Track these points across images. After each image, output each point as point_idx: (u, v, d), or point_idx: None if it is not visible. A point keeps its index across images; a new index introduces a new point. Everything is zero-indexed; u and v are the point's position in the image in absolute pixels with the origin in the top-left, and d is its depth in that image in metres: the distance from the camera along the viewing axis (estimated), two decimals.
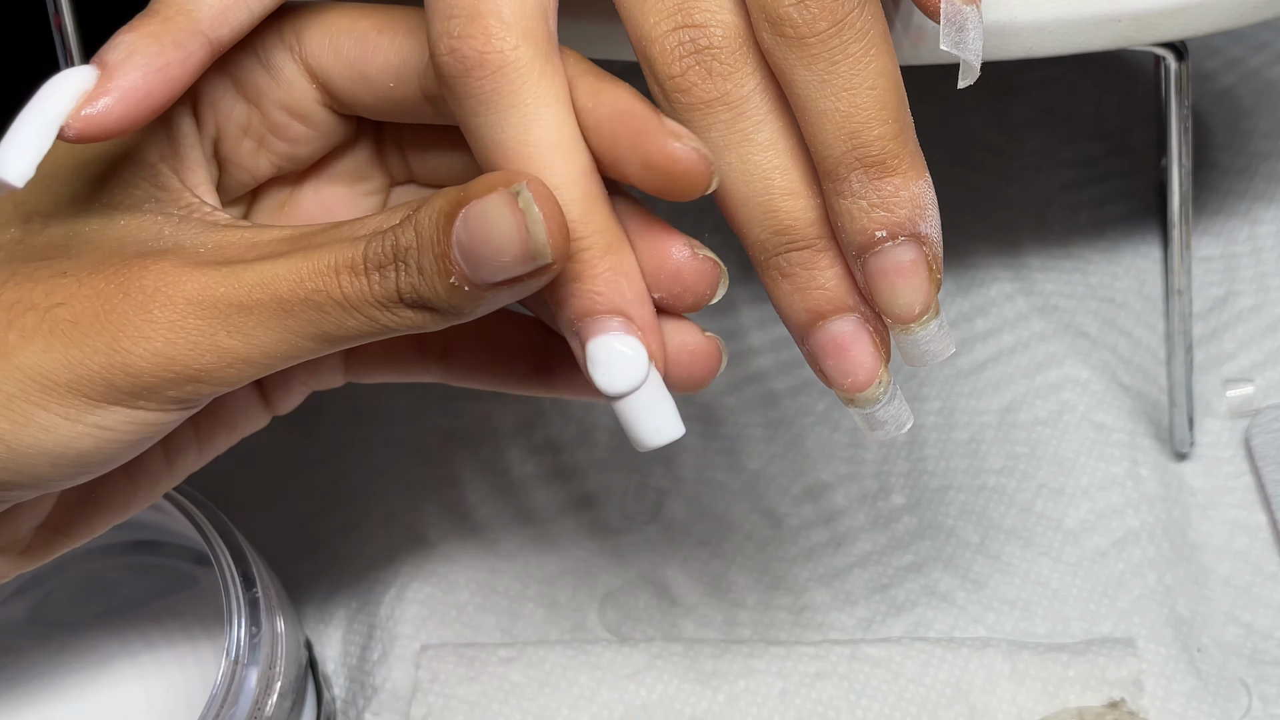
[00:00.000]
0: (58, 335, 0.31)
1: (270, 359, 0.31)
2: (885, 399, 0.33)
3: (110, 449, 0.32)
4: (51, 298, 0.31)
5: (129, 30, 0.32)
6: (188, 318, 0.30)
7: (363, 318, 0.31)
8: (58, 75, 0.31)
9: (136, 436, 0.32)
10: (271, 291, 0.30)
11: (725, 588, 0.50)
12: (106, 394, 0.31)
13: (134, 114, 0.31)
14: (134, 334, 0.30)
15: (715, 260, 0.33)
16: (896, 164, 0.31)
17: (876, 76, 0.30)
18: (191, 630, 0.45)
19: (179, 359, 0.31)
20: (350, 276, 0.30)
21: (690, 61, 0.31)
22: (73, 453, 0.31)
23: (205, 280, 0.31)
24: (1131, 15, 0.40)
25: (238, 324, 0.31)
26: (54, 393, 0.31)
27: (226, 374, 0.31)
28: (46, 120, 0.31)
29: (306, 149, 0.36)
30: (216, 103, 0.35)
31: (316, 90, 0.35)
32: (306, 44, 0.34)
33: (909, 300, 0.32)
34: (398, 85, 0.34)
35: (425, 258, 0.30)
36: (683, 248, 0.32)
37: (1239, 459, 0.52)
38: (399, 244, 0.30)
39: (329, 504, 0.54)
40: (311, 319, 0.31)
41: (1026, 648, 0.47)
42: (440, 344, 0.38)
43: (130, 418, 0.31)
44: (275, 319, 0.31)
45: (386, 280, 0.30)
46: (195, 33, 0.32)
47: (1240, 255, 0.58)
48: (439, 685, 0.48)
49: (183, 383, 0.31)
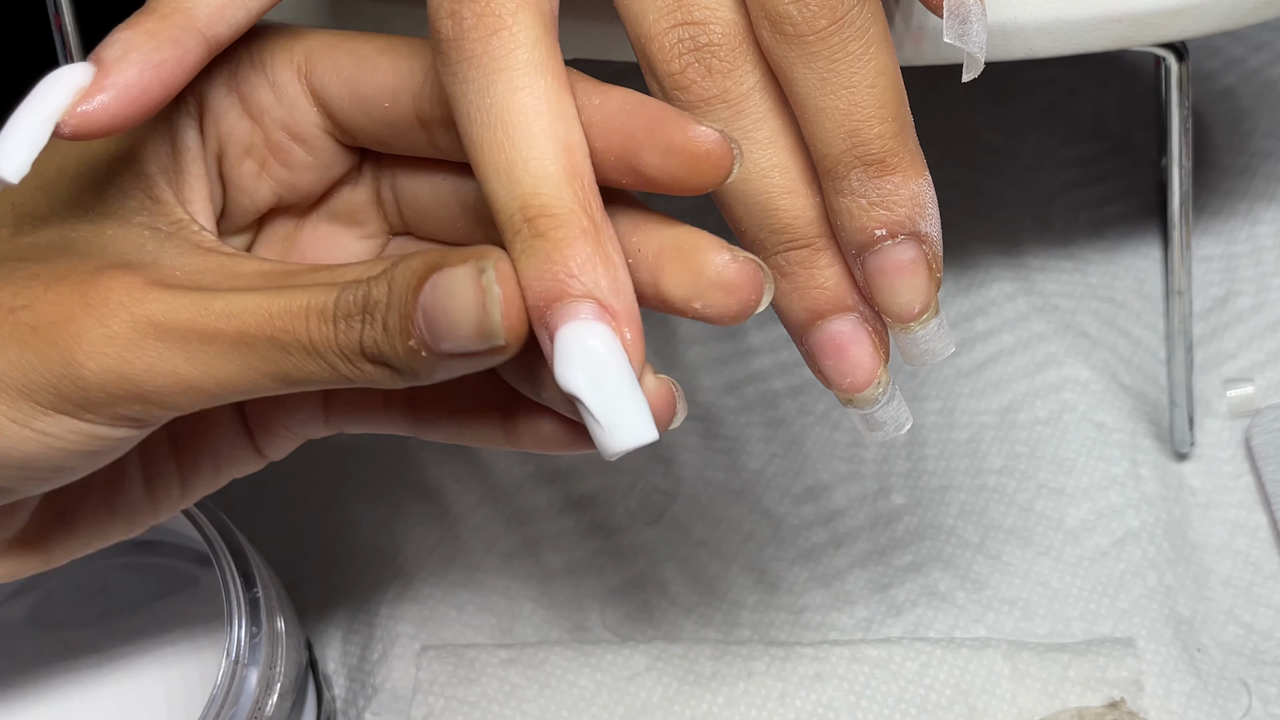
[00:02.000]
0: (15, 339, 0.30)
1: (225, 390, 0.31)
2: (884, 400, 0.33)
3: (56, 456, 0.31)
4: (17, 299, 0.31)
5: (126, 27, 0.32)
6: (146, 337, 0.30)
7: (324, 364, 0.30)
8: (54, 72, 0.31)
9: (84, 448, 0.32)
10: (237, 324, 0.30)
11: (725, 588, 0.50)
12: (54, 402, 0.31)
13: (130, 111, 0.31)
14: (88, 347, 0.30)
15: (758, 262, 0.30)
16: (896, 162, 0.30)
17: (876, 74, 0.30)
18: (192, 630, 0.45)
19: (131, 377, 0.30)
20: (319, 322, 0.30)
21: (690, 59, 0.30)
22: (18, 456, 0.31)
23: (171, 302, 0.30)
24: (1131, 15, 0.40)
25: (196, 351, 0.30)
26: (4, 395, 0.30)
27: (177, 400, 0.31)
28: (42, 117, 0.31)
29: (306, 178, 0.36)
30: (221, 117, 0.35)
31: (318, 113, 0.35)
32: (313, 65, 0.34)
33: (908, 299, 0.32)
34: (393, 106, 0.33)
35: (391, 315, 0.29)
36: (722, 252, 0.30)
37: (1239, 459, 0.52)
38: (370, 297, 0.29)
39: (329, 504, 0.54)
40: (274, 358, 0.30)
41: (1026, 648, 0.47)
42: (404, 398, 0.37)
43: (76, 428, 0.31)
44: (236, 352, 0.30)
45: (352, 331, 0.30)
46: (192, 30, 0.32)
47: (1240, 255, 0.58)
48: (439, 686, 0.48)
49: (131, 401, 0.31)
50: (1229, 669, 0.47)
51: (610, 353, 0.29)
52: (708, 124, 0.30)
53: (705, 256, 0.30)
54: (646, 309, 0.31)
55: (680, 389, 0.32)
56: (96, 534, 0.37)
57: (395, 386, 0.30)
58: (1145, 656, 0.47)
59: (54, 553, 0.36)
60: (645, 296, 0.31)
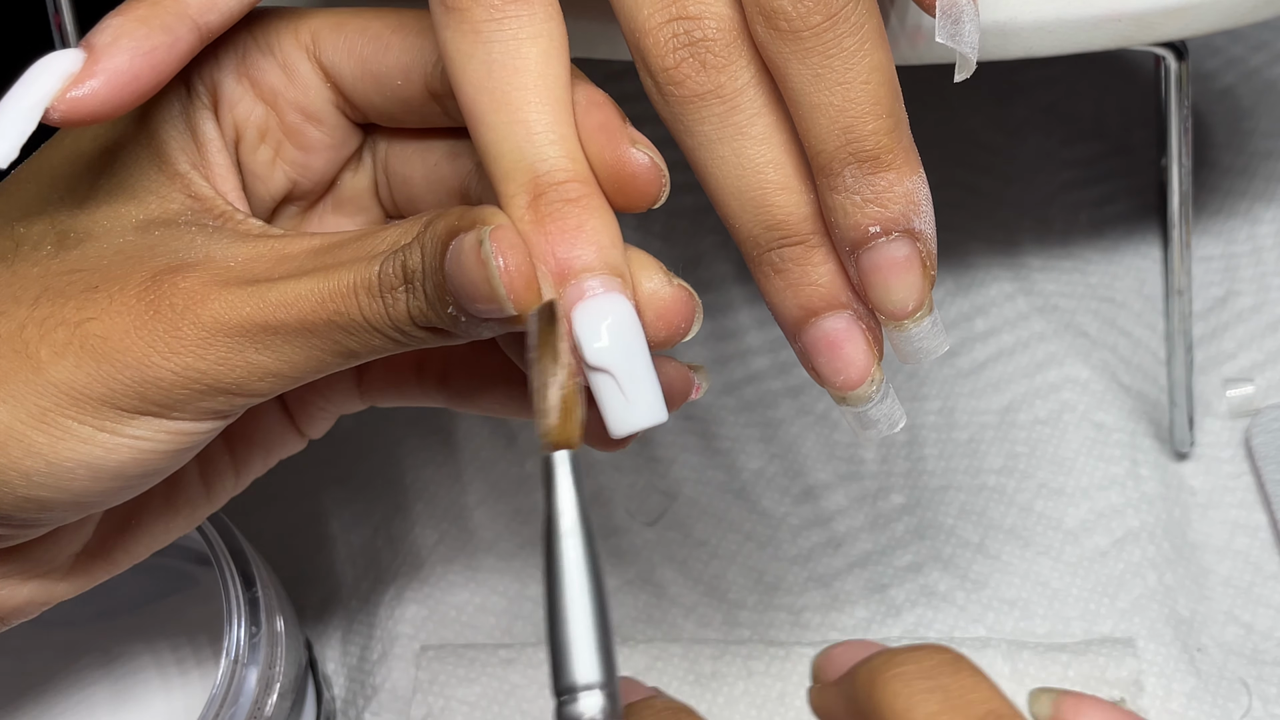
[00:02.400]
0: (88, 350, 0.31)
1: (300, 372, 0.31)
2: (878, 397, 0.33)
3: (148, 460, 0.32)
4: (82, 313, 0.31)
5: (117, 14, 0.32)
6: (216, 336, 0.31)
7: (385, 337, 0.31)
8: (44, 58, 0.31)
9: (173, 447, 0.32)
10: (295, 313, 0.30)
11: (724, 588, 0.50)
12: (140, 406, 0.31)
13: (120, 97, 0.31)
14: (164, 350, 0.31)
15: (690, 291, 0.31)
16: (890, 159, 0.30)
17: (871, 71, 0.30)
18: (191, 630, 0.45)
19: (210, 373, 0.31)
20: (368, 298, 0.30)
21: (684, 54, 0.30)
22: (112, 464, 0.31)
23: (232, 300, 0.31)
24: (1131, 15, 0.40)
25: (266, 341, 0.31)
26: (88, 406, 0.31)
27: (258, 387, 0.31)
28: (32, 102, 0.31)
29: (320, 159, 0.36)
30: (235, 104, 0.35)
31: (330, 90, 0.35)
32: (322, 43, 0.35)
33: (902, 296, 0.31)
34: (405, 83, 0.34)
35: (429, 284, 0.30)
36: (655, 275, 0.31)
37: (1239, 459, 0.52)
38: (408, 265, 0.30)
39: (329, 504, 0.54)
40: (336, 338, 0.31)
41: (1026, 648, 0.47)
42: (439, 370, 0.38)
43: (165, 428, 0.31)
44: (301, 338, 0.31)
45: (399, 303, 0.30)
46: (183, 17, 0.32)
47: (1240, 255, 0.58)
48: (439, 686, 0.48)
49: (214, 395, 0.31)
50: (1229, 669, 0.47)
51: (631, 327, 0.29)
52: (642, 148, 0.30)
53: (642, 274, 0.31)
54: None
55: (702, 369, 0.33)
56: (159, 534, 0.37)
57: (456, 343, 0.31)
58: (1145, 656, 0.47)
59: (119, 559, 0.37)
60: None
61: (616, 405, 0.29)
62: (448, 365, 0.37)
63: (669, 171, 0.31)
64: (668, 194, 0.31)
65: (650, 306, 0.30)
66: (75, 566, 0.36)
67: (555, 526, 0.28)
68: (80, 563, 0.36)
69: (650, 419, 0.29)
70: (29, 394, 0.31)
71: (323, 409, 0.38)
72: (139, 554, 0.37)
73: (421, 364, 0.38)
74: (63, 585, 0.36)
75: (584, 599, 0.27)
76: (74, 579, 0.36)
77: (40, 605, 0.36)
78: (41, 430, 0.31)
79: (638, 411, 0.29)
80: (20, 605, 0.35)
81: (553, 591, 0.27)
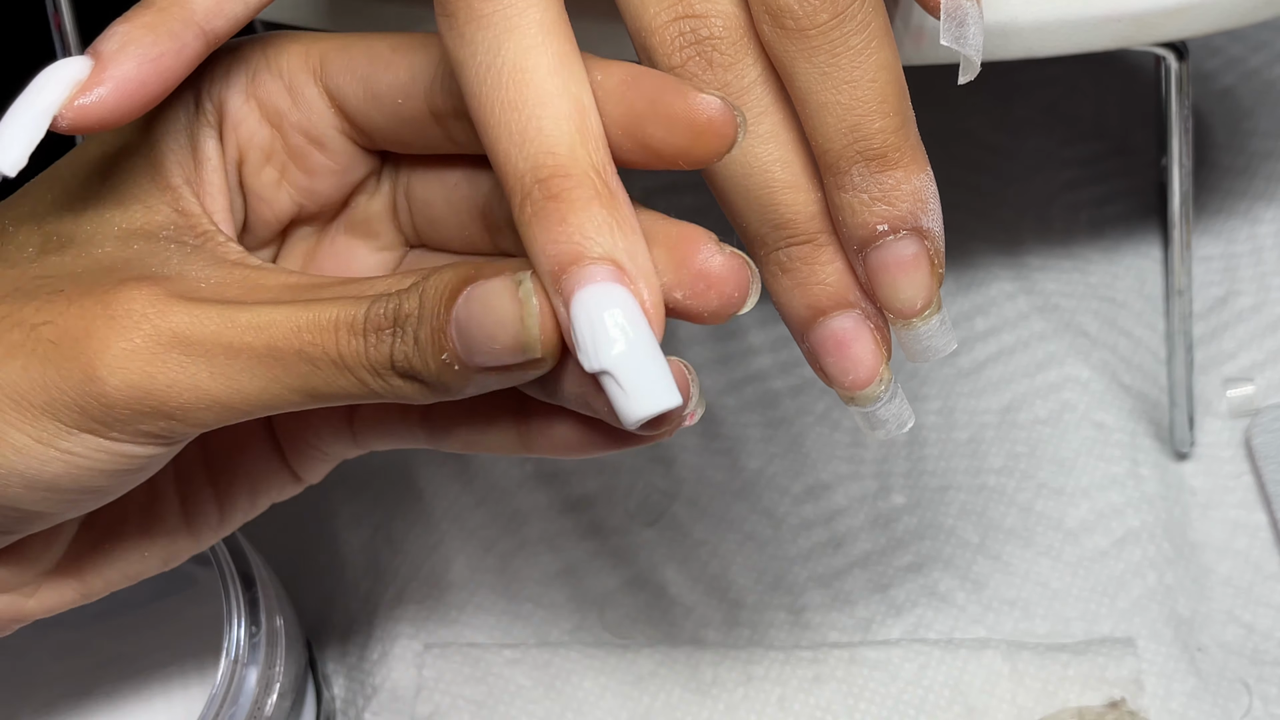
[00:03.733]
0: (37, 355, 0.30)
1: (250, 405, 0.30)
2: (886, 397, 0.33)
3: (83, 476, 0.31)
4: (40, 315, 0.30)
5: (124, 21, 0.32)
6: (170, 350, 0.30)
7: (353, 379, 0.30)
8: (52, 65, 0.31)
9: (110, 467, 0.31)
10: (264, 338, 0.30)
11: (725, 588, 0.50)
12: (78, 420, 0.30)
13: (128, 105, 0.31)
14: (110, 361, 0.30)
15: (745, 259, 0.30)
16: (898, 157, 0.30)
17: (878, 69, 0.30)
18: (191, 630, 0.45)
19: (154, 392, 0.30)
20: (348, 335, 0.29)
21: (691, 52, 0.30)
22: (45, 477, 0.31)
23: (196, 314, 0.30)
24: (1131, 15, 0.40)
25: (221, 365, 0.30)
26: (28, 413, 0.30)
27: (202, 415, 0.30)
28: (39, 110, 0.30)
29: (326, 183, 0.36)
30: (240, 124, 0.34)
31: (334, 115, 0.34)
32: (328, 67, 0.34)
33: (911, 295, 0.31)
34: (406, 102, 0.33)
35: (423, 329, 0.29)
36: (709, 243, 0.30)
37: (1239, 459, 0.52)
38: (401, 310, 0.29)
39: (329, 504, 0.54)
40: (302, 372, 0.30)
41: (1026, 648, 0.47)
42: (421, 410, 0.36)
43: (101, 447, 0.31)
44: (263, 366, 0.30)
45: (382, 345, 0.29)
46: (190, 23, 0.32)
47: (1240, 255, 0.58)
48: (444, 684, 0.48)
49: (155, 417, 0.30)
50: (1229, 669, 0.47)
51: (632, 315, 0.28)
52: (710, 92, 0.29)
53: (691, 245, 0.30)
54: None
55: (695, 375, 0.31)
56: (135, 563, 0.36)
57: (423, 402, 0.30)
58: (1145, 656, 0.47)
59: (92, 583, 0.36)
60: None
61: (616, 395, 0.28)
62: (431, 405, 0.36)
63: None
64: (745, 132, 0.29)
65: (703, 276, 0.29)
66: (47, 585, 0.35)
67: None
68: (52, 583, 0.35)
69: (657, 405, 0.28)
70: None
71: (319, 453, 0.37)
72: (115, 581, 0.36)
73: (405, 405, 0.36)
74: (33, 603, 0.35)
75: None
76: (45, 597, 0.35)
77: (11, 622, 0.35)
78: None
79: (641, 400, 0.28)
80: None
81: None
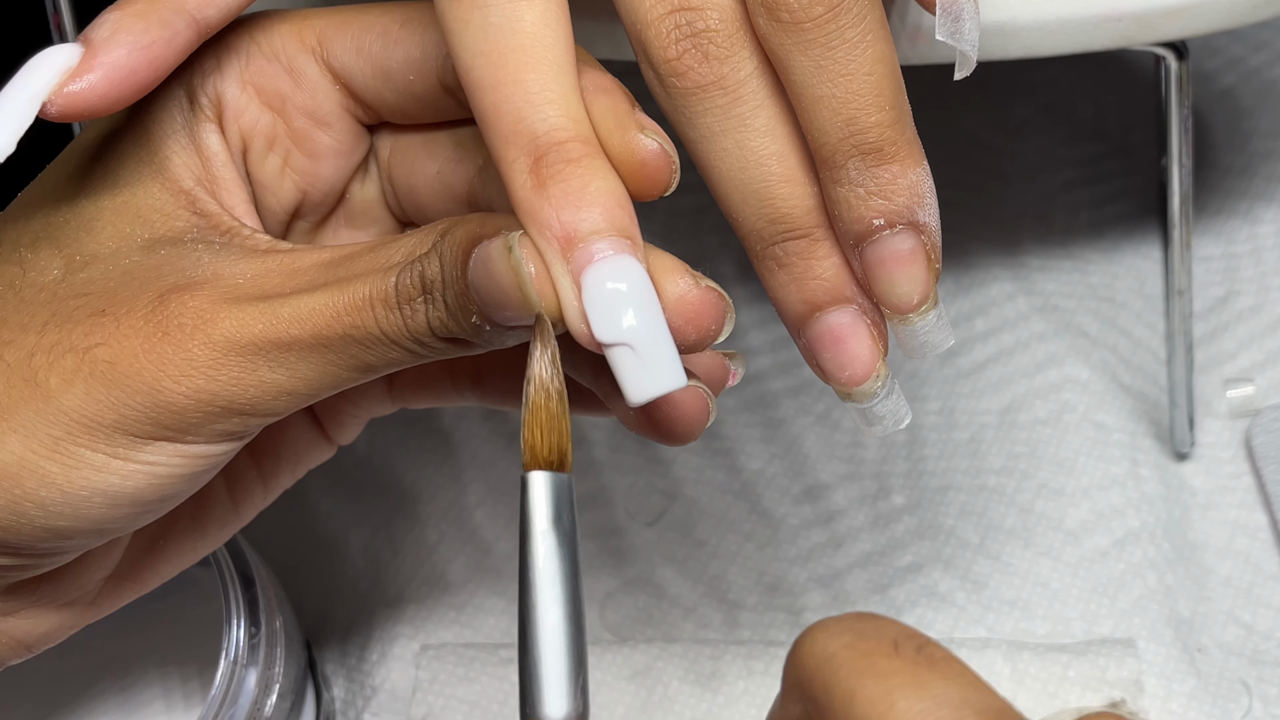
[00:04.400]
0: (97, 377, 0.30)
1: (315, 389, 0.31)
2: (883, 393, 0.33)
3: (164, 485, 0.31)
4: (90, 338, 0.30)
5: (115, 8, 0.32)
6: (228, 355, 0.30)
7: (402, 350, 0.30)
8: (41, 52, 0.31)
9: (189, 470, 0.31)
10: (309, 328, 0.30)
11: (725, 588, 0.50)
12: (153, 431, 0.31)
13: (118, 92, 0.31)
14: (174, 373, 0.30)
15: (720, 291, 0.30)
16: (894, 151, 0.30)
17: (873, 63, 0.30)
18: (191, 630, 0.45)
19: (222, 395, 0.30)
20: (384, 310, 0.30)
21: (686, 45, 0.30)
22: (128, 491, 0.31)
23: (243, 318, 0.30)
24: (1131, 15, 0.40)
25: (279, 359, 0.30)
26: (100, 433, 0.30)
27: (272, 406, 0.31)
28: (28, 96, 0.30)
29: (328, 165, 0.36)
30: (240, 114, 0.34)
31: (340, 92, 0.35)
32: (329, 45, 0.34)
33: (907, 290, 0.31)
34: (418, 78, 0.34)
35: (449, 294, 0.29)
36: (685, 275, 0.30)
37: (1239, 459, 0.52)
38: (426, 275, 0.29)
39: (329, 504, 0.54)
40: (352, 352, 0.30)
41: (1026, 648, 0.47)
42: (472, 371, 0.37)
43: (180, 452, 0.31)
44: (316, 354, 0.30)
45: (417, 314, 0.30)
46: (181, 11, 0.32)
47: (1240, 255, 0.57)
48: (439, 685, 0.48)
49: (228, 416, 0.31)
50: (1229, 669, 0.47)
51: (644, 291, 0.28)
52: (651, 134, 0.29)
53: (667, 278, 0.30)
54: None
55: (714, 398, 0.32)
56: (187, 553, 0.37)
57: (478, 353, 0.31)
58: (1145, 657, 0.47)
59: (148, 579, 0.36)
60: None
61: (633, 372, 0.28)
62: (479, 365, 0.37)
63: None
64: (678, 181, 0.30)
65: (679, 310, 0.29)
66: (104, 591, 0.35)
67: (530, 549, 0.27)
68: (109, 586, 0.35)
69: (668, 384, 0.28)
70: (40, 423, 0.30)
71: (353, 415, 0.38)
72: (167, 573, 0.36)
73: (453, 365, 0.37)
74: (91, 610, 0.35)
75: (559, 623, 0.26)
76: (102, 603, 0.36)
77: (68, 630, 0.35)
78: (55, 460, 0.30)
79: (655, 378, 0.28)
80: (48, 632, 0.35)
81: (524, 617, 0.26)
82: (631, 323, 0.28)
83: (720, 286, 0.30)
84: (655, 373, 0.28)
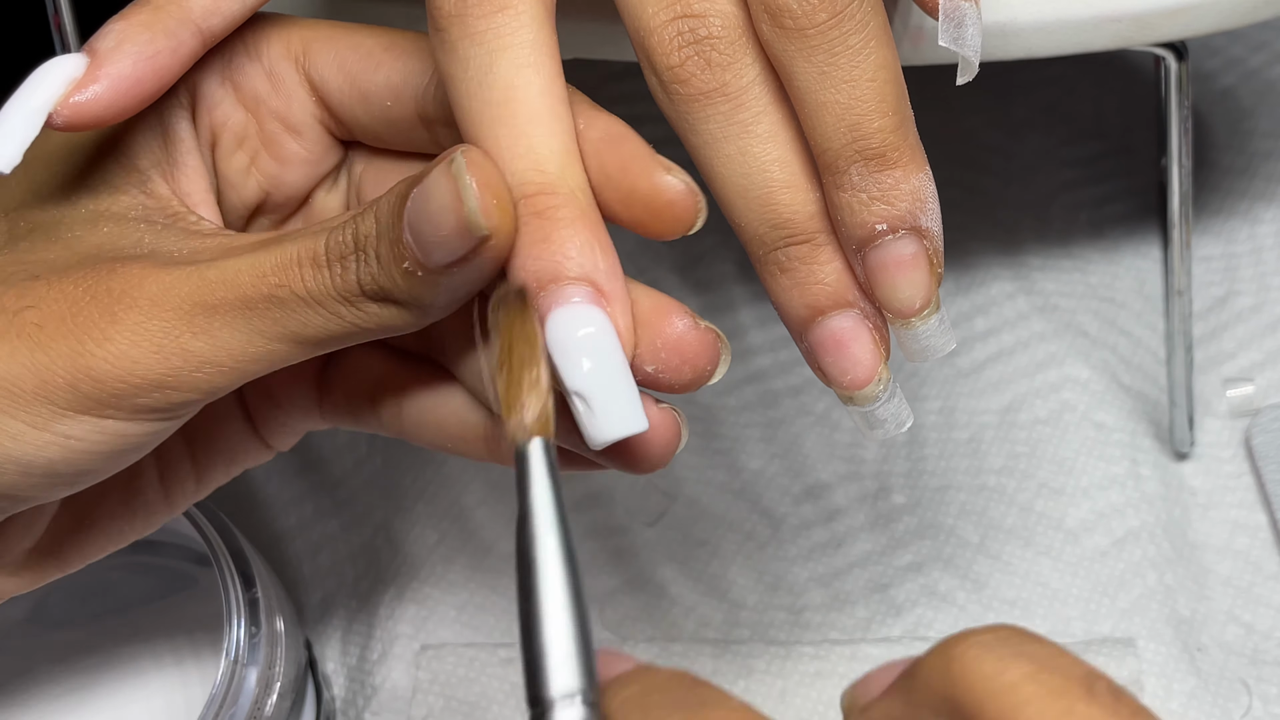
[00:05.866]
0: (24, 339, 0.30)
1: (239, 362, 0.30)
2: (885, 397, 0.33)
3: (80, 459, 0.31)
4: (21, 301, 0.30)
5: (120, 19, 0.32)
6: (151, 319, 0.30)
7: (327, 314, 0.30)
8: (47, 62, 0.31)
9: (108, 448, 0.31)
10: (234, 289, 0.30)
11: (725, 588, 0.50)
12: (73, 402, 0.30)
13: (123, 102, 0.31)
14: (98, 336, 0.30)
15: (717, 332, 0.31)
16: (897, 156, 0.30)
17: (876, 68, 0.30)
18: (191, 630, 0.45)
19: (143, 362, 0.30)
20: (312, 269, 0.30)
21: (689, 52, 0.30)
22: (41, 462, 0.31)
23: (169, 279, 0.30)
24: (1131, 15, 0.40)
25: (202, 325, 0.30)
26: (20, 400, 0.30)
27: (194, 379, 0.30)
28: (34, 107, 0.30)
29: (295, 173, 0.36)
30: (214, 107, 0.34)
31: (315, 104, 0.34)
32: (312, 57, 0.34)
33: (910, 294, 0.31)
34: (395, 105, 0.33)
35: (382, 245, 0.29)
36: (683, 316, 0.30)
37: (1239, 459, 0.52)
38: (359, 232, 0.29)
39: (329, 504, 0.54)
40: (276, 317, 0.30)
41: None
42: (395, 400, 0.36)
43: (99, 427, 0.31)
44: (240, 318, 0.30)
45: (348, 272, 0.29)
46: (186, 22, 0.32)
47: (1240, 255, 0.58)
48: (439, 686, 0.48)
49: (149, 390, 0.30)
50: (1229, 669, 0.47)
51: (604, 338, 0.29)
52: (677, 174, 0.30)
53: (665, 317, 0.30)
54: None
55: (683, 417, 0.31)
56: (114, 536, 0.36)
57: (408, 327, 0.30)
58: (1145, 656, 0.47)
59: (71, 558, 0.36)
60: None
61: (585, 417, 0.29)
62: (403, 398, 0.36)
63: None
64: (705, 217, 0.30)
65: (677, 350, 0.30)
66: (27, 563, 0.35)
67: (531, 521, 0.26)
68: (33, 560, 0.35)
69: (624, 429, 0.29)
70: None
71: (284, 423, 0.37)
72: (93, 554, 0.36)
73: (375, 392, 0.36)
74: (13, 581, 0.35)
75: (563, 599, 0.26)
76: (25, 575, 0.35)
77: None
78: None
79: (609, 422, 0.29)
80: None
81: (527, 593, 0.26)
82: (590, 368, 0.28)
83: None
84: (618, 416, 0.29)
